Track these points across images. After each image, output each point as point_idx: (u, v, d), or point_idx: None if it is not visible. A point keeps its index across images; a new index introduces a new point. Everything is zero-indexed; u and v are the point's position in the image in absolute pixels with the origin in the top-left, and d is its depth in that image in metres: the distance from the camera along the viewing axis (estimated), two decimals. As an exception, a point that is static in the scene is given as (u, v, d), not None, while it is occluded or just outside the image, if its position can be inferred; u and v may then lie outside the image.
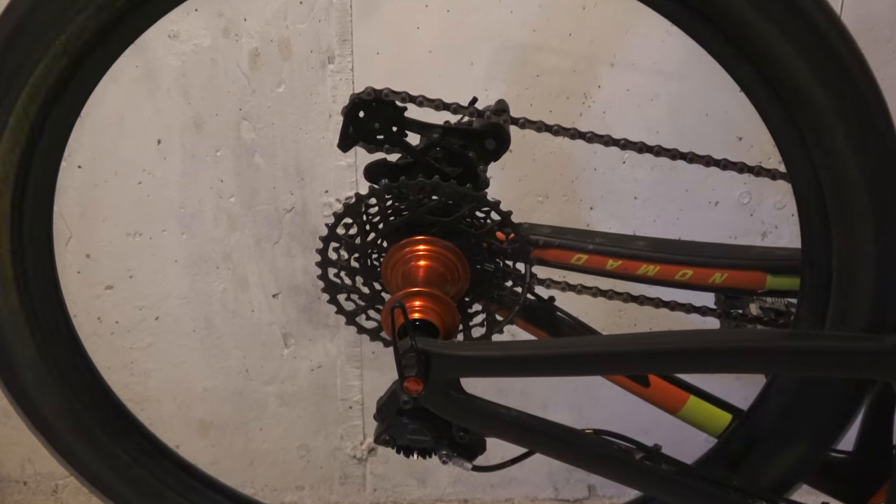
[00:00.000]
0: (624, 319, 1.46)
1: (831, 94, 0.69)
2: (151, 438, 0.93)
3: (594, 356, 0.76)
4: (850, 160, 0.70)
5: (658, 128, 1.34)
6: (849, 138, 0.70)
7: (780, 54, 0.69)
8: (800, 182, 0.75)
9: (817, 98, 0.69)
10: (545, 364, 0.77)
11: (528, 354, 0.77)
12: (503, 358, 0.77)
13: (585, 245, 0.89)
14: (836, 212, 0.73)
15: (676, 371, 0.90)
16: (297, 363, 1.52)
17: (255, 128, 1.35)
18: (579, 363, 0.77)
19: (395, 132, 0.85)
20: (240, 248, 1.42)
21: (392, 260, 0.86)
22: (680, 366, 0.80)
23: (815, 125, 0.71)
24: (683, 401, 0.93)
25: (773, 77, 0.70)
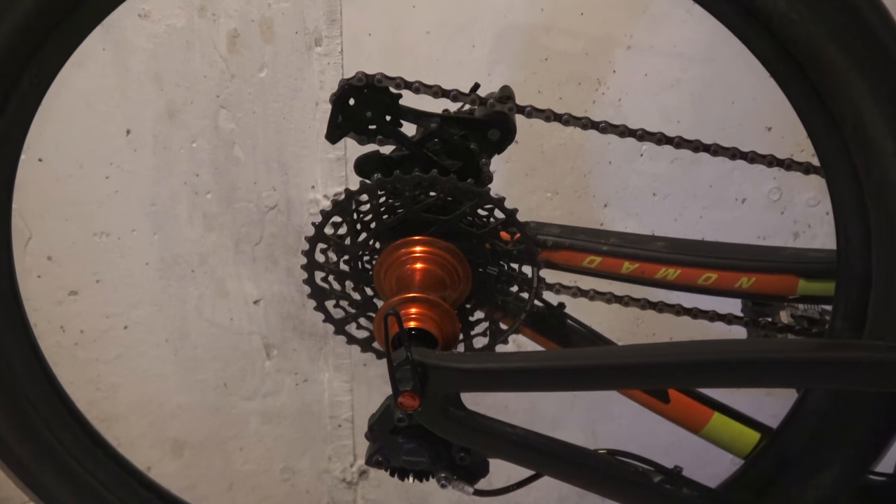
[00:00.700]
0: (641, 328, 1.46)
1: (868, 76, 0.69)
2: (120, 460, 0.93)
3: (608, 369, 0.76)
4: (892, 152, 0.70)
5: (679, 117, 1.35)
6: (890, 126, 0.70)
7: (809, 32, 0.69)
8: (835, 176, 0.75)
9: (852, 81, 0.69)
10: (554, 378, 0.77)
11: (536, 367, 0.77)
12: (508, 371, 0.77)
13: (599, 246, 0.89)
14: (875, 209, 0.73)
15: (699, 385, 0.90)
16: (281, 377, 1.51)
17: (234, 117, 1.35)
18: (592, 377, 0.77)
19: (388, 122, 0.85)
20: (217, 250, 1.42)
21: (385, 263, 0.86)
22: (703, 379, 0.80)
23: (851, 111, 0.71)
24: (707, 418, 0.93)
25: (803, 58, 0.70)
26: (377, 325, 0.83)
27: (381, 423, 0.83)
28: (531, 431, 0.80)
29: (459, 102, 0.86)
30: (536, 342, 0.95)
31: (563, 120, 0.85)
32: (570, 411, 1.54)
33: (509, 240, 0.86)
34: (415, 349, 0.76)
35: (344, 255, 0.88)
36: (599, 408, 1.53)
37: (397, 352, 0.76)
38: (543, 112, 0.85)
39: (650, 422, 0.95)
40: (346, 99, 0.84)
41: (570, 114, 0.86)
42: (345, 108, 0.84)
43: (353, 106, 0.84)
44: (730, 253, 0.90)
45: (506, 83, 0.92)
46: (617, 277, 0.90)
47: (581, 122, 0.86)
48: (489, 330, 0.90)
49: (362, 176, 0.86)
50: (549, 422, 1.54)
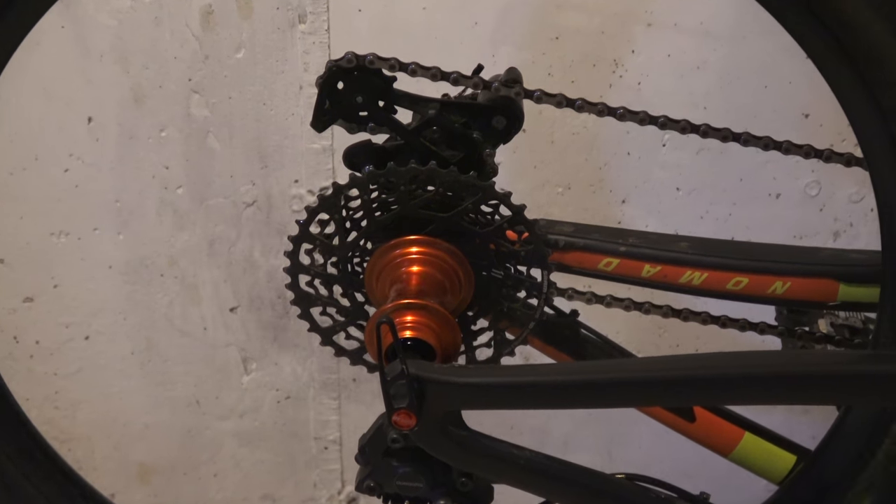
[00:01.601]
0: (664, 339, 1.47)
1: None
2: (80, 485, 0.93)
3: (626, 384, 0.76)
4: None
5: (705, 102, 1.35)
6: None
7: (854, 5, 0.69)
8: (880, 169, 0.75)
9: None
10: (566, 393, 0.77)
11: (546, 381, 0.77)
12: (515, 386, 0.77)
13: (616, 247, 0.90)
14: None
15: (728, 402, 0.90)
16: (261, 393, 1.52)
17: (208, 103, 1.35)
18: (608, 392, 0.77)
19: (381, 108, 0.85)
20: (189, 252, 1.43)
21: (378, 265, 0.86)
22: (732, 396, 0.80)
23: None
24: (737, 439, 0.93)
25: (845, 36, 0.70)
26: (369, 334, 0.83)
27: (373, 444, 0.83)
28: (541, 454, 0.80)
29: (461, 86, 0.86)
30: (546, 354, 0.95)
31: (577, 106, 0.86)
32: (584, 431, 1.54)
33: (516, 240, 0.86)
34: (411, 362, 0.76)
35: (331, 256, 0.88)
36: (617, 427, 1.53)
37: (391, 365, 0.76)
38: (554, 97, 0.86)
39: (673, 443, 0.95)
40: (334, 82, 0.84)
41: (583, 99, 0.86)
42: (332, 92, 0.84)
43: (342, 90, 0.84)
44: (762, 254, 0.90)
45: (512, 65, 0.92)
46: (636, 282, 0.90)
47: (596, 109, 0.86)
48: (494, 340, 0.90)
49: (352, 168, 0.86)
50: (560, 443, 1.54)
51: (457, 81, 0.85)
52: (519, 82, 0.86)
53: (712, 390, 0.76)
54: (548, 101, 0.86)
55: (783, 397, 0.79)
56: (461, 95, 0.91)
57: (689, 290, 0.90)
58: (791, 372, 0.75)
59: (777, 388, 0.75)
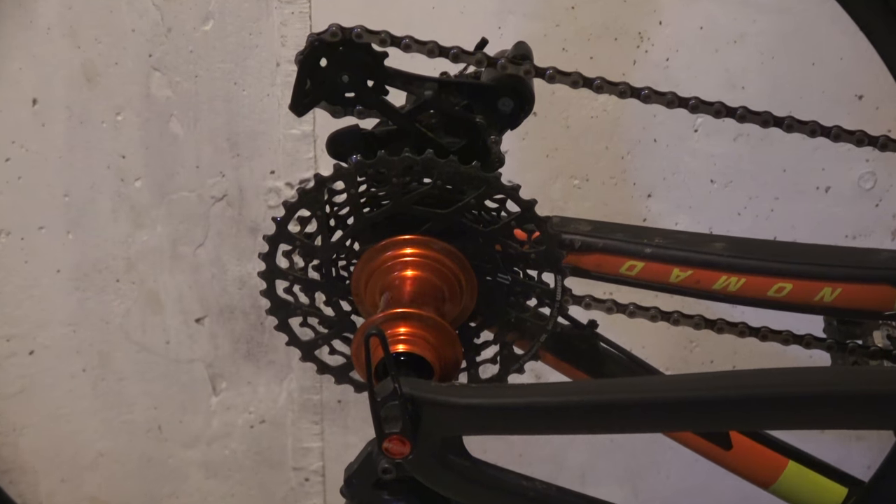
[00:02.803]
0: (696, 354, 1.47)
1: None
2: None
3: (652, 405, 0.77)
4: None
5: (744, 81, 1.35)
6: None
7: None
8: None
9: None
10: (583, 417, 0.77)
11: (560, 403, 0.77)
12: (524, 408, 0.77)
13: (641, 248, 0.90)
14: None
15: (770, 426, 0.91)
16: (232, 416, 1.52)
17: (170, 82, 1.35)
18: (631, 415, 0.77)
19: (370, 88, 0.85)
20: (149, 254, 1.43)
21: (367, 269, 0.86)
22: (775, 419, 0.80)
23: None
24: (780, 469, 0.93)
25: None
26: (356, 348, 0.84)
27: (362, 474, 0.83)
28: (554, 486, 0.80)
29: (461, 63, 0.87)
30: (560, 371, 0.95)
31: (595, 86, 0.86)
32: (604, 460, 1.54)
33: (525, 240, 0.86)
34: (404, 380, 0.76)
35: (313, 259, 0.88)
36: (642, 456, 1.53)
37: (382, 383, 0.77)
38: (569, 76, 0.86)
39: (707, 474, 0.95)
40: (316, 59, 0.84)
41: (603, 78, 0.86)
42: (314, 70, 0.85)
43: (325, 68, 0.85)
44: (809, 256, 0.91)
45: (521, 38, 0.92)
46: (664, 288, 0.90)
47: (618, 89, 0.86)
48: (500, 355, 0.90)
49: (337, 158, 0.86)
50: (577, 474, 1.54)
51: (457, 58, 0.85)
52: (529, 59, 0.87)
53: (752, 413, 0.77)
54: (562, 80, 0.86)
55: (833, 421, 0.80)
56: (462, 74, 0.91)
57: (725, 298, 0.90)
58: (842, 392, 0.75)
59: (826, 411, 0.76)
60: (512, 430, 0.81)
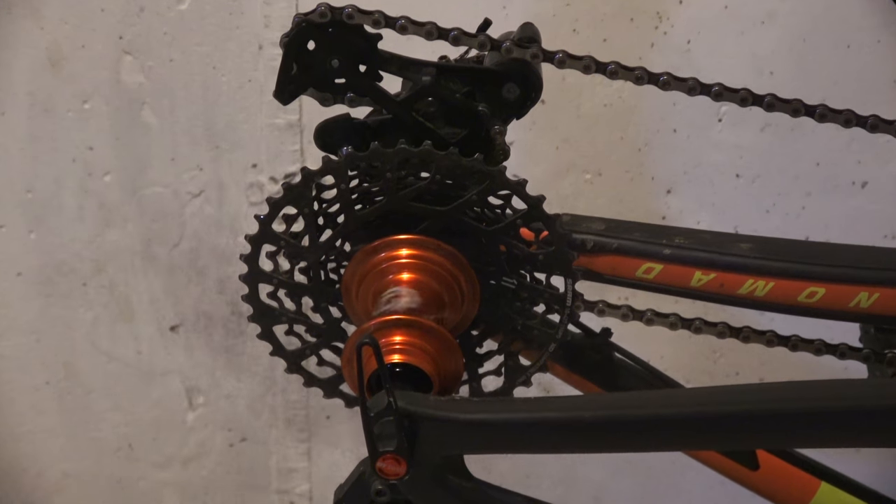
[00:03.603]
0: (720, 365, 1.47)
1: None
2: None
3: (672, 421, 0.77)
4: None
5: (772, 66, 1.35)
6: None
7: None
8: None
9: None
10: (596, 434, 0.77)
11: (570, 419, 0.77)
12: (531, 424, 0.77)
13: (659, 249, 0.90)
14: None
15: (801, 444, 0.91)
16: (209, 434, 1.52)
17: (143, 67, 1.36)
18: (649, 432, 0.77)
19: (362, 74, 0.86)
20: (120, 255, 1.43)
21: (359, 272, 0.87)
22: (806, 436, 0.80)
23: None
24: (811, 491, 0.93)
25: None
26: (347, 359, 0.84)
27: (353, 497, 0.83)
28: (564, 509, 0.80)
29: (463, 47, 0.87)
30: (571, 384, 0.95)
31: (609, 71, 0.86)
32: (619, 481, 1.54)
33: (533, 240, 0.87)
34: (399, 393, 0.76)
35: (300, 261, 0.88)
36: (660, 477, 1.53)
37: (375, 397, 0.77)
38: (581, 60, 0.86)
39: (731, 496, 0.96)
40: (304, 41, 0.84)
41: (618, 62, 0.86)
42: (301, 54, 0.85)
43: (313, 52, 0.85)
44: (843, 258, 0.91)
45: (528, 19, 0.92)
46: (684, 293, 0.91)
47: (634, 75, 0.86)
48: (505, 366, 0.91)
49: (326, 150, 0.86)
50: (590, 496, 1.54)
51: (458, 40, 0.85)
52: (536, 41, 0.87)
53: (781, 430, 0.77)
54: (573, 64, 0.86)
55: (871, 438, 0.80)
56: (463, 58, 0.91)
57: (751, 304, 0.90)
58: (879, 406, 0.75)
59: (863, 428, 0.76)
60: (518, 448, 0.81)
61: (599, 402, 0.85)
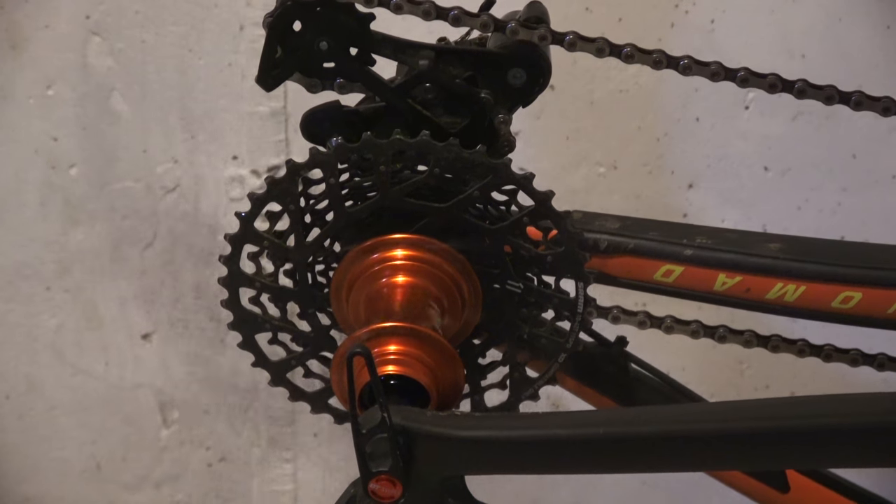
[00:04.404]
0: (747, 377, 1.47)
1: None
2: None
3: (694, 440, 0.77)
4: None
5: (804, 48, 1.35)
6: None
7: None
8: None
9: None
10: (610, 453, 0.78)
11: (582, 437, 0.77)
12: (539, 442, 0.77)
13: (680, 249, 0.90)
14: None
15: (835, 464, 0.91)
16: (185, 453, 1.52)
17: (112, 49, 1.36)
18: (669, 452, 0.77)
19: (354, 57, 0.86)
20: (86, 256, 1.43)
21: (350, 275, 0.87)
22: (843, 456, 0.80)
23: None
24: (847, 515, 0.94)
25: None
26: (337, 371, 0.84)
27: (343, 523, 0.83)
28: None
29: (464, 27, 0.87)
30: (583, 398, 0.95)
31: (625, 54, 0.86)
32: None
33: (541, 240, 0.87)
34: (394, 408, 0.76)
35: (285, 262, 0.88)
36: (682, 500, 1.54)
37: (368, 412, 0.77)
38: (594, 42, 0.86)
39: (759, 522, 0.96)
40: (289, 21, 0.84)
41: (634, 45, 0.87)
42: (286, 35, 0.85)
43: (300, 33, 0.85)
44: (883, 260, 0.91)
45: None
46: (707, 298, 0.91)
47: (652, 58, 0.86)
48: (510, 378, 0.91)
49: (313, 141, 0.87)
50: (603, 523, 1.54)
51: (458, 20, 0.85)
52: (545, 22, 0.87)
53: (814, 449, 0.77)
54: (585, 47, 0.86)
55: (911, 458, 0.80)
56: (464, 40, 0.91)
57: (781, 310, 0.90)
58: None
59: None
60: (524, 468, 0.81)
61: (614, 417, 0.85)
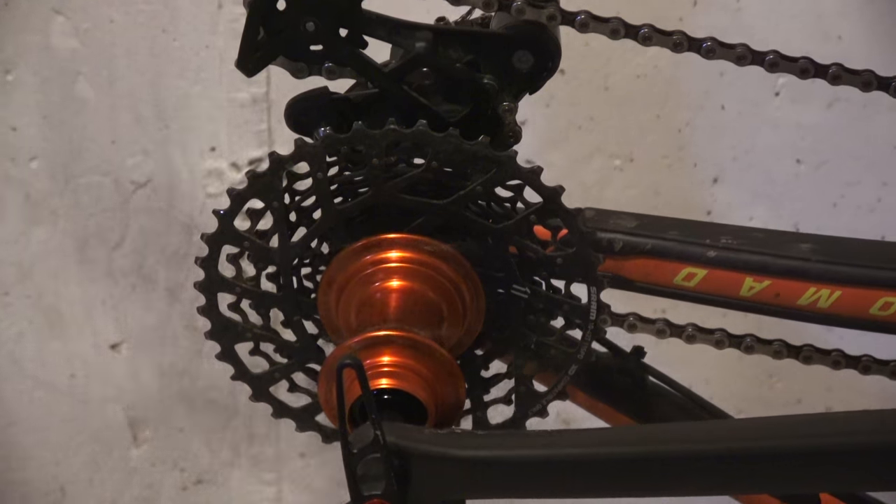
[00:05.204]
0: (777, 391, 1.47)
1: None
2: None
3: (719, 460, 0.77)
4: None
5: (839, 29, 1.36)
6: None
7: None
8: None
9: None
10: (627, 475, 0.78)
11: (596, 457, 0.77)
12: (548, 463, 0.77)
13: (703, 251, 0.90)
14: None
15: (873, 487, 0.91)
16: (158, 474, 1.52)
17: (77, 29, 1.36)
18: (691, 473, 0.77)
19: (344, 39, 0.86)
20: (49, 257, 1.43)
21: (339, 279, 0.87)
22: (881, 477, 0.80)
23: None
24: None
25: None
26: (325, 384, 0.84)
27: (332, 552, 0.83)
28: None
29: (465, 6, 0.87)
30: (596, 414, 0.96)
31: (642, 36, 0.86)
32: (654, 534, 1.54)
33: (550, 240, 0.87)
34: (389, 426, 0.77)
35: (268, 265, 0.88)
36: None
37: (359, 430, 0.77)
38: (608, 22, 0.86)
39: (790, 551, 0.96)
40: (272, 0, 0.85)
41: (652, 25, 0.87)
42: (269, 15, 0.85)
43: (285, 11, 0.85)
44: (927, 262, 0.91)
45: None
46: (733, 304, 0.91)
47: (672, 40, 0.87)
48: (516, 392, 0.91)
49: (299, 131, 0.87)
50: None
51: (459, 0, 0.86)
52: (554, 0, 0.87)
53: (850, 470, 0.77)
54: (598, 27, 0.86)
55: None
56: (465, 20, 0.91)
57: (814, 317, 0.90)
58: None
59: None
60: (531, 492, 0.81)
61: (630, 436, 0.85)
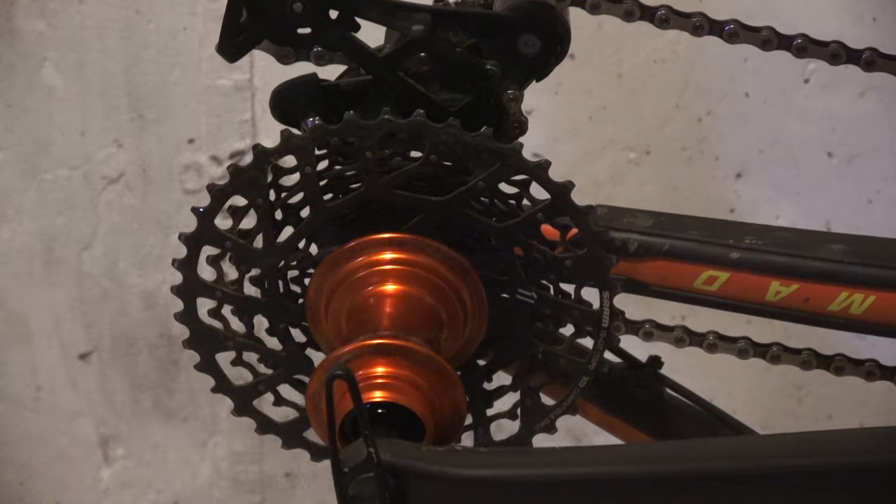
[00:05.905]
0: (806, 405, 1.47)
1: None
2: None
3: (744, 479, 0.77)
4: None
5: (875, 10, 1.36)
6: None
7: None
8: None
9: None
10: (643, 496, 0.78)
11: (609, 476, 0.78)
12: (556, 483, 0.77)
13: (725, 251, 0.90)
14: None
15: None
16: (132, 497, 1.52)
17: (43, 10, 1.36)
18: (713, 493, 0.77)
19: (334, 21, 0.86)
20: (12, 260, 1.43)
21: (329, 283, 0.87)
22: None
23: None
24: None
25: None
26: (314, 397, 0.84)
27: (321, 579, 0.84)
28: None
29: (466, -14, 0.88)
30: (609, 430, 0.96)
31: (659, 18, 0.87)
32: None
33: (558, 241, 0.87)
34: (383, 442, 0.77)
35: (252, 268, 0.89)
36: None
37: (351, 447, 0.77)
38: (622, 3, 0.87)
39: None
40: (257, -21, 0.85)
41: (670, 6, 0.87)
42: (254, -5, 0.85)
43: (270, -8, 0.86)
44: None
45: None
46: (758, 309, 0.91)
47: (692, 23, 0.87)
48: (522, 406, 0.91)
49: (285, 122, 0.87)
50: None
51: (460, -21, 0.86)
52: (563, -22, 0.88)
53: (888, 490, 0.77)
54: (610, 9, 0.87)
55: None
56: (466, 2, 0.92)
57: (846, 324, 0.91)
58: None
59: None
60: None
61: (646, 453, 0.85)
